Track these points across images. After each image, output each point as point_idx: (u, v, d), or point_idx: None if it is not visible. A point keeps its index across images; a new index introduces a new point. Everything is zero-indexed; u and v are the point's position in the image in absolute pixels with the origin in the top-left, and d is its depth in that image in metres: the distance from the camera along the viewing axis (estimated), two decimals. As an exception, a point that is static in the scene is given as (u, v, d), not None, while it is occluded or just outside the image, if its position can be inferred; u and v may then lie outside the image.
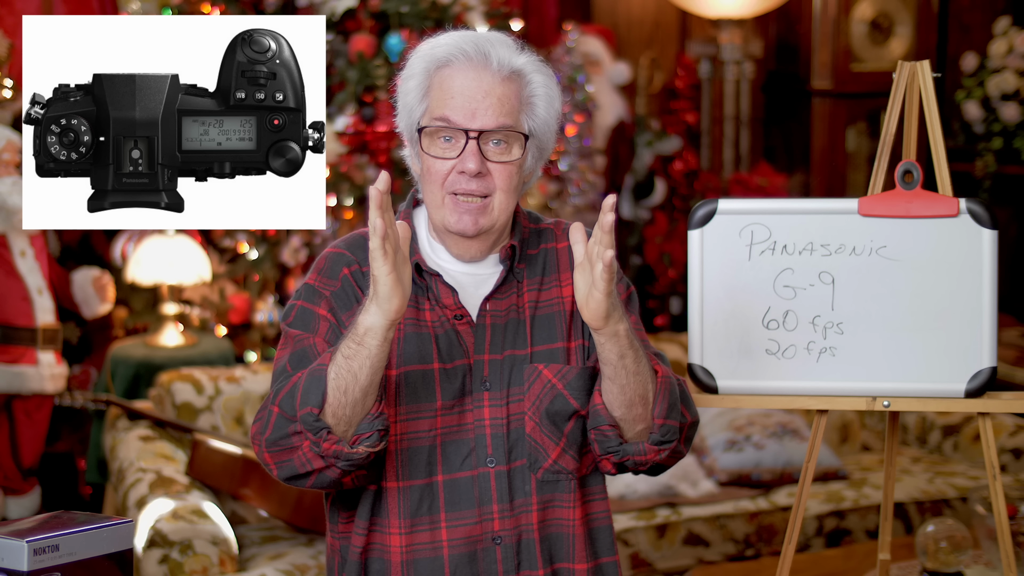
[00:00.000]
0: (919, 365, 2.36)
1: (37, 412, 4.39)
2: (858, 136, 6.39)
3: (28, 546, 1.73)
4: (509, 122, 2.00)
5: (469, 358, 2.03)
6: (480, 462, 2.02)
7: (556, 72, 5.30)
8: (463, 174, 1.99)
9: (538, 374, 2.04)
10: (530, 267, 2.11)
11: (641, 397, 1.99)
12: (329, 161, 4.52)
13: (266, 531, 3.80)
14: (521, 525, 2.03)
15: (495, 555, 2.02)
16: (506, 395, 2.03)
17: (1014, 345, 5.53)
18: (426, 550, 2.01)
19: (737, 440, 4.30)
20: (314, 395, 1.89)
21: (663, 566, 4.03)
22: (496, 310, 2.06)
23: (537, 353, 2.05)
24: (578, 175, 5.41)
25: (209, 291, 4.96)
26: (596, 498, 2.12)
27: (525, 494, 2.03)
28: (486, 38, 2.03)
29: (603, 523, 2.12)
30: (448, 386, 2.02)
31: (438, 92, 2.01)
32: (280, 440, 1.93)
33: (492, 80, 2.00)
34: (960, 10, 6.56)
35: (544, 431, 2.04)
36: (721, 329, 2.37)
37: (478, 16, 4.84)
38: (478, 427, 2.02)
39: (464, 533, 2.01)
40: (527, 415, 2.03)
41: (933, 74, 2.40)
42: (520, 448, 2.03)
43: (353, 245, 2.09)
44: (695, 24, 6.41)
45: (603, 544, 2.11)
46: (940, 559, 3.15)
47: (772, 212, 2.39)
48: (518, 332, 2.05)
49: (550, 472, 2.04)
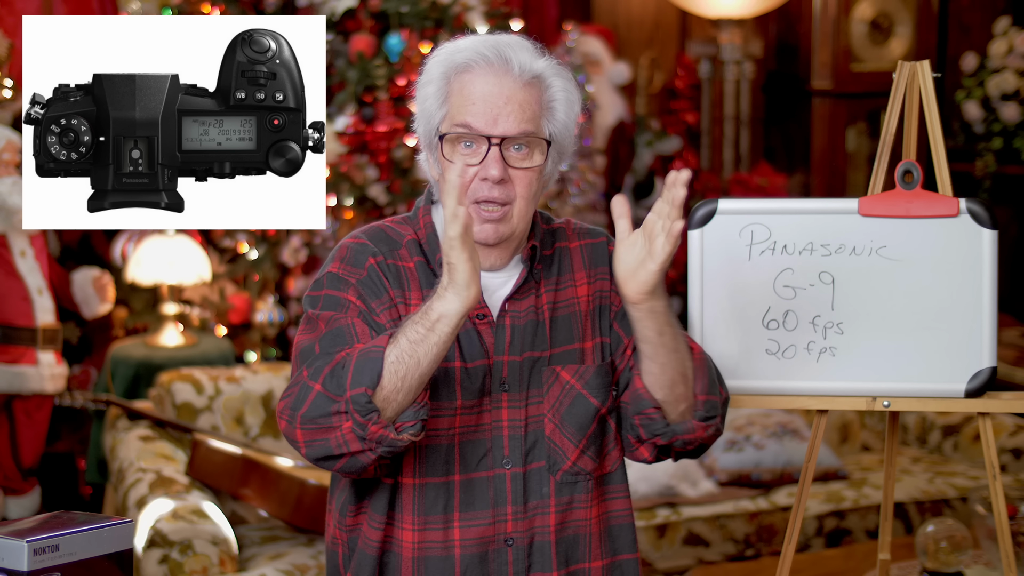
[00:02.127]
0: (919, 365, 2.35)
1: (37, 412, 4.39)
2: (858, 136, 6.39)
3: (28, 546, 1.73)
4: (531, 128, 1.99)
5: (489, 358, 2.02)
6: (496, 463, 2.02)
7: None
8: (485, 181, 1.98)
9: (556, 376, 2.04)
10: (546, 268, 2.10)
11: (682, 376, 2.00)
12: (329, 161, 4.52)
13: (266, 531, 3.80)
14: (535, 527, 2.03)
15: (506, 556, 2.02)
16: (525, 397, 2.03)
17: (1014, 345, 5.53)
18: (437, 548, 2.01)
19: (737, 440, 4.30)
20: (368, 376, 1.85)
21: (663, 566, 4.03)
22: (516, 311, 2.05)
23: (556, 355, 2.05)
24: (578, 175, 5.41)
25: (209, 291, 4.96)
26: (616, 496, 2.11)
27: (541, 496, 2.03)
28: (506, 42, 2.01)
29: (623, 520, 2.12)
30: (469, 386, 2.01)
31: (458, 98, 1.99)
32: (319, 418, 1.89)
33: (513, 85, 1.99)
34: (960, 10, 6.56)
35: (564, 433, 2.03)
36: (721, 329, 2.37)
37: (478, 16, 4.83)
38: (495, 428, 2.02)
39: (477, 534, 2.01)
40: (546, 417, 2.03)
41: (933, 74, 2.40)
42: (538, 450, 2.03)
43: (375, 238, 2.06)
44: (695, 24, 6.41)
45: (623, 542, 2.11)
46: (940, 559, 3.15)
47: (772, 212, 2.39)
48: (537, 333, 2.05)
49: (569, 474, 2.04)
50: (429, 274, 2.04)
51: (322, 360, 1.92)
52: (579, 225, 2.17)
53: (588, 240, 2.15)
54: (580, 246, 2.13)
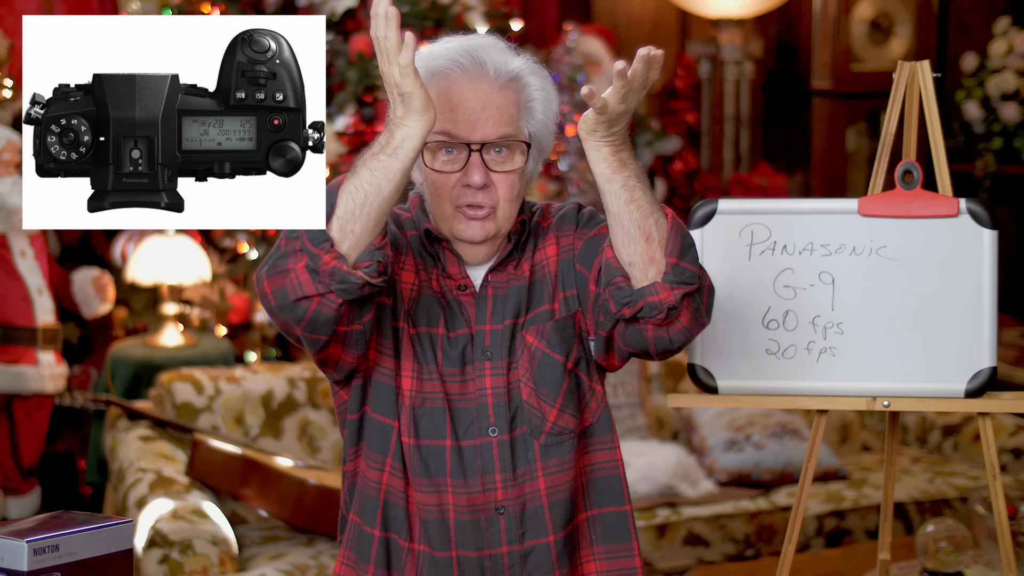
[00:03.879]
0: (919, 365, 2.36)
1: (37, 412, 4.40)
2: (858, 136, 6.39)
3: (28, 546, 1.73)
4: (510, 131, 2.02)
5: (471, 328, 2.06)
6: (482, 431, 2.04)
7: (556, 72, 5.32)
8: (468, 187, 2.01)
9: (523, 341, 2.06)
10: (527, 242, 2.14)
11: (643, 231, 1.91)
12: (329, 161, 4.52)
13: (266, 531, 3.80)
14: (526, 494, 2.04)
15: (499, 525, 2.04)
16: (507, 364, 2.06)
17: (1014, 345, 5.53)
18: (434, 511, 2.03)
19: (737, 440, 4.30)
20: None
21: (663, 566, 4.03)
22: (498, 281, 2.09)
23: (529, 319, 2.07)
24: (578, 175, 5.41)
25: (209, 291, 4.96)
26: (599, 448, 2.10)
27: (528, 462, 2.05)
28: (480, 45, 2.04)
29: (609, 472, 2.10)
30: (449, 353, 2.04)
31: (436, 105, 1.99)
32: (278, 261, 1.90)
33: (490, 89, 2.01)
34: (960, 10, 6.56)
35: (540, 396, 2.05)
36: (721, 329, 2.37)
37: (478, 16, 4.84)
38: (480, 396, 2.05)
39: (467, 501, 2.03)
40: (522, 382, 2.05)
41: (933, 74, 2.40)
42: (521, 416, 2.05)
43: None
44: (695, 24, 6.41)
45: (610, 494, 2.10)
46: (940, 559, 3.15)
47: (772, 212, 2.39)
48: (519, 301, 2.08)
49: (552, 435, 2.05)
50: (420, 247, 2.09)
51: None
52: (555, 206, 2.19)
53: (560, 213, 2.16)
54: (553, 221, 2.15)
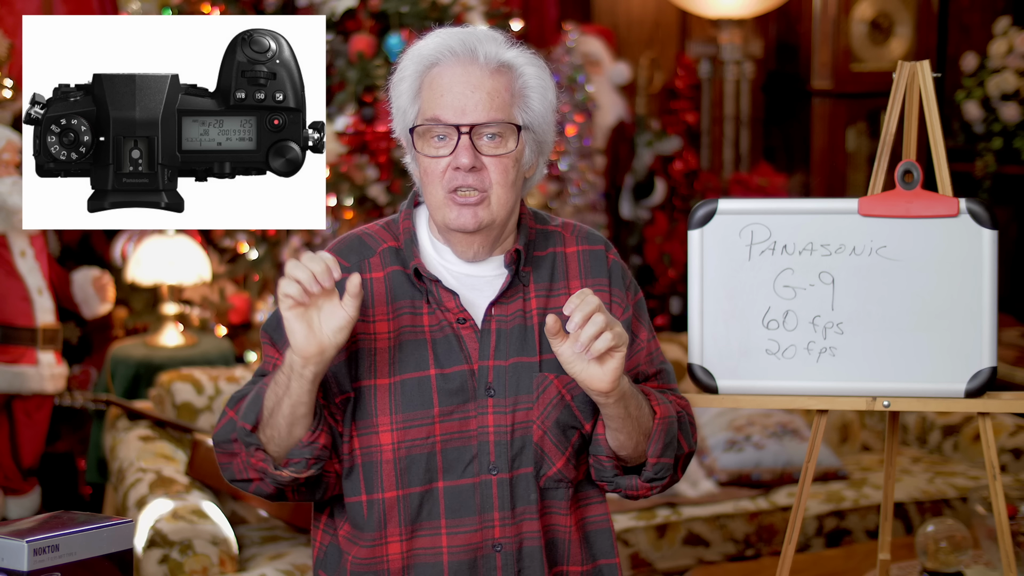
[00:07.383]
0: (919, 365, 2.35)
1: (37, 412, 4.39)
2: (858, 136, 6.39)
3: (28, 546, 1.73)
4: (500, 115, 1.97)
5: (471, 363, 2.00)
6: (483, 469, 2.00)
7: (556, 72, 5.32)
8: (458, 170, 1.96)
9: (548, 383, 2.01)
10: (537, 271, 2.07)
11: (645, 435, 2.03)
12: (329, 161, 4.52)
13: (266, 531, 3.80)
14: (523, 532, 2.01)
15: (495, 562, 2.00)
16: (512, 403, 2.00)
17: (1014, 345, 5.53)
18: (427, 555, 2.00)
19: (737, 440, 4.30)
20: (251, 412, 1.94)
21: (663, 566, 4.03)
22: (502, 315, 2.02)
23: (546, 362, 2.02)
24: (578, 175, 5.41)
25: (209, 291, 4.96)
26: (593, 501, 2.11)
27: (529, 502, 2.02)
28: (473, 34, 2.01)
29: (601, 526, 2.11)
30: (446, 392, 1.99)
31: (428, 92, 1.99)
32: (223, 443, 2.00)
33: (480, 74, 1.97)
34: (960, 10, 6.56)
35: (552, 440, 2.02)
36: (721, 329, 2.37)
37: (478, 16, 4.84)
38: (481, 434, 2.00)
39: (464, 540, 1.99)
40: (535, 423, 2.01)
41: (933, 74, 2.40)
42: (525, 456, 2.01)
43: (346, 249, 2.06)
44: (695, 24, 6.41)
45: (602, 547, 2.11)
46: (940, 559, 3.15)
47: (772, 212, 2.39)
48: (525, 339, 2.02)
49: (552, 480, 2.03)
50: (404, 281, 2.03)
51: (245, 388, 2.02)
52: (579, 228, 2.14)
53: (586, 247, 2.11)
54: (577, 252, 2.10)
